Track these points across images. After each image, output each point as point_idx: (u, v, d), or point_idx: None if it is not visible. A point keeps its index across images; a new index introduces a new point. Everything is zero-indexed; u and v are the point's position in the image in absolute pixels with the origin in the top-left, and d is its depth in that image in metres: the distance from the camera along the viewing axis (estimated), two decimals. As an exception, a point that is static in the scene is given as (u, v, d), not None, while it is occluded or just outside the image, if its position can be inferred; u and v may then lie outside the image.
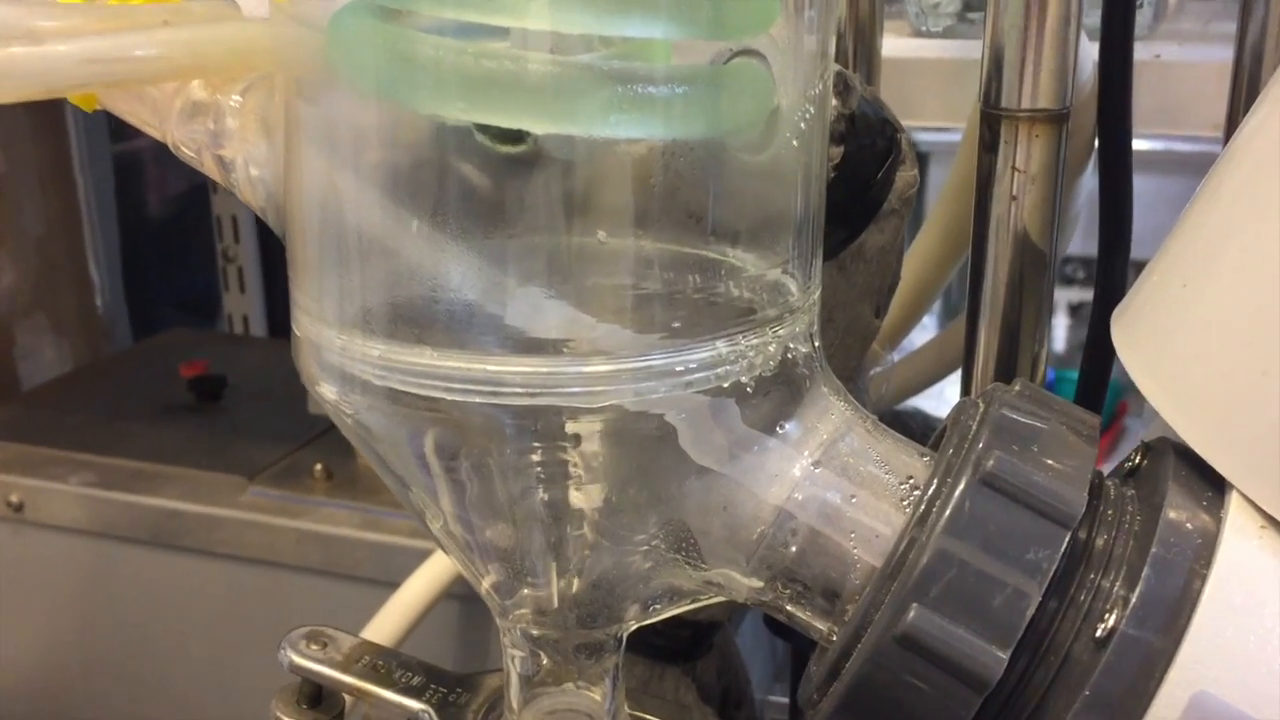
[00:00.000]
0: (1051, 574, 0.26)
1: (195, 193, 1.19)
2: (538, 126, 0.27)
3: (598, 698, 0.36)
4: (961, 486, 0.27)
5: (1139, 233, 0.40)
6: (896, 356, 0.49)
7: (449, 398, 0.28)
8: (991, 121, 0.37)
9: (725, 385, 0.28)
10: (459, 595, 0.66)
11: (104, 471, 0.76)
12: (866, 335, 0.39)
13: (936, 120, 0.49)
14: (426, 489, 0.32)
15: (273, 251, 1.12)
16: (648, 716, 0.38)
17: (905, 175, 0.38)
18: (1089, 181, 0.46)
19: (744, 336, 0.29)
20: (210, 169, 0.34)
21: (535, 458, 0.31)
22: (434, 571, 0.64)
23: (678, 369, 0.28)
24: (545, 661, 0.35)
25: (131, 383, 0.93)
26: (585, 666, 0.36)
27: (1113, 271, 0.41)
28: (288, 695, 0.40)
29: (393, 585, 0.68)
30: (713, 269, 0.29)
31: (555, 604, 0.34)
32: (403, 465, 0.32)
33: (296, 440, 0.80)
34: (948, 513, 0.26)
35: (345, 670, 0.38)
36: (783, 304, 0.30)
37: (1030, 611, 0.26)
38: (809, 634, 0.31)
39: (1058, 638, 0.26)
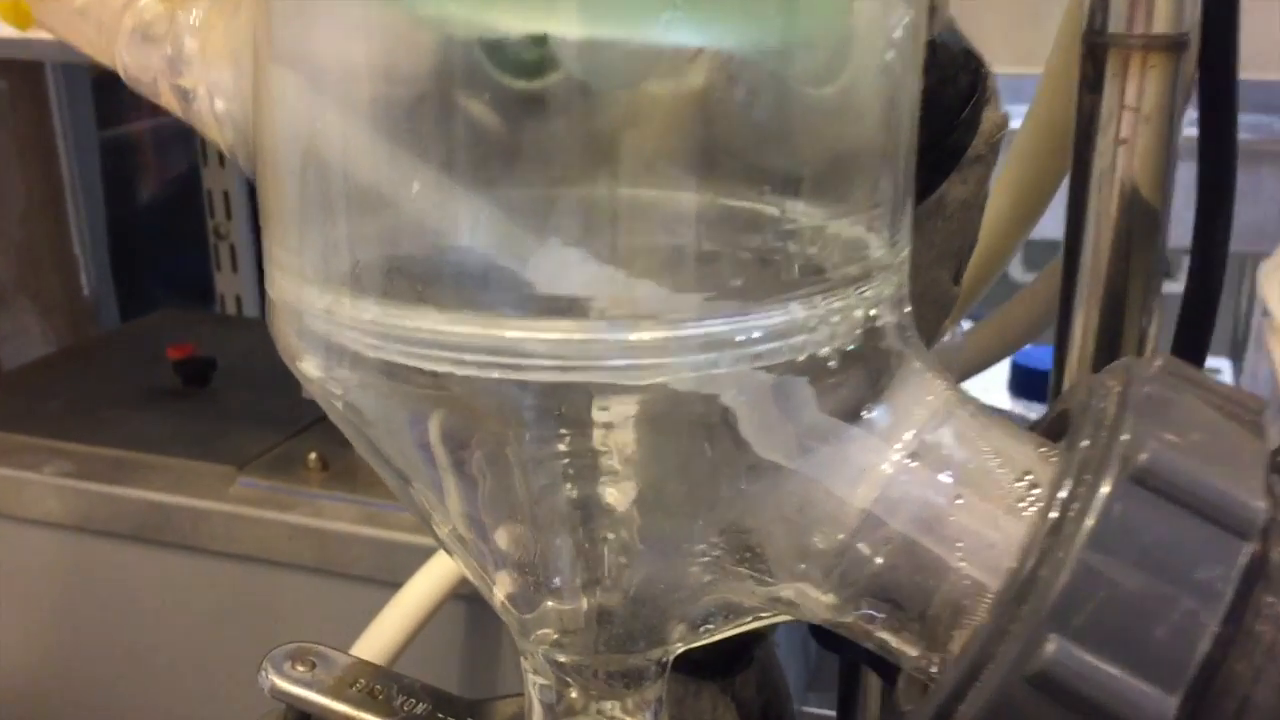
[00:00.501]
0: (1228, 598, 0.20)
1: (188, 168, 1.13)
2: (567, 29, 0.21)
3: (631, 729, 0.30)
4: (1108, 487, 0.21)
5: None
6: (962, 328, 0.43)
7: (459, 372, 0.23)
8: (1096, 53, 0.31)
9: (798, 360, 0.23)
10: (466, 597, 0.60)
11: (82, 461, 0.71)
12: (945, 304, 0.33)
13: (1005, 66, 0.43)
14: (431, 485, 0.27)
15: (266, 228, 1.06)
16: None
17: (993, 116, 0.32)
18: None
19: (821, 299, 0.23)
20: (167, 100, 0.28)
21: (561, 447, 0.25)
22: (439, 571, 0.58)
23: (739, 338, 0.22)
24: (571, 691, 0.30)
25: (115, 366, 0.88)
26: (621, 697, 0.30)
27: (1213, 238, 0.35)
28: (270, 723, 0.34)
29: (393, 585, 0.62)
30: (779, 219, 0.23)
31: (585, 623, 0.29)
32: (402, 457, 0.27)
33: (289, 427, 0.74)
34: (1092, 520, 0.21)
35: (336, 696, 0.33)
36: (867, 261, 0.24)
37: (1203, 645, 0.20)
38: (897, 663, 0.26)
39: (1233, 678, 0.21)
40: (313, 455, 0.69)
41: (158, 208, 1.22)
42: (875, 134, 0.24)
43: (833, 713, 0.54)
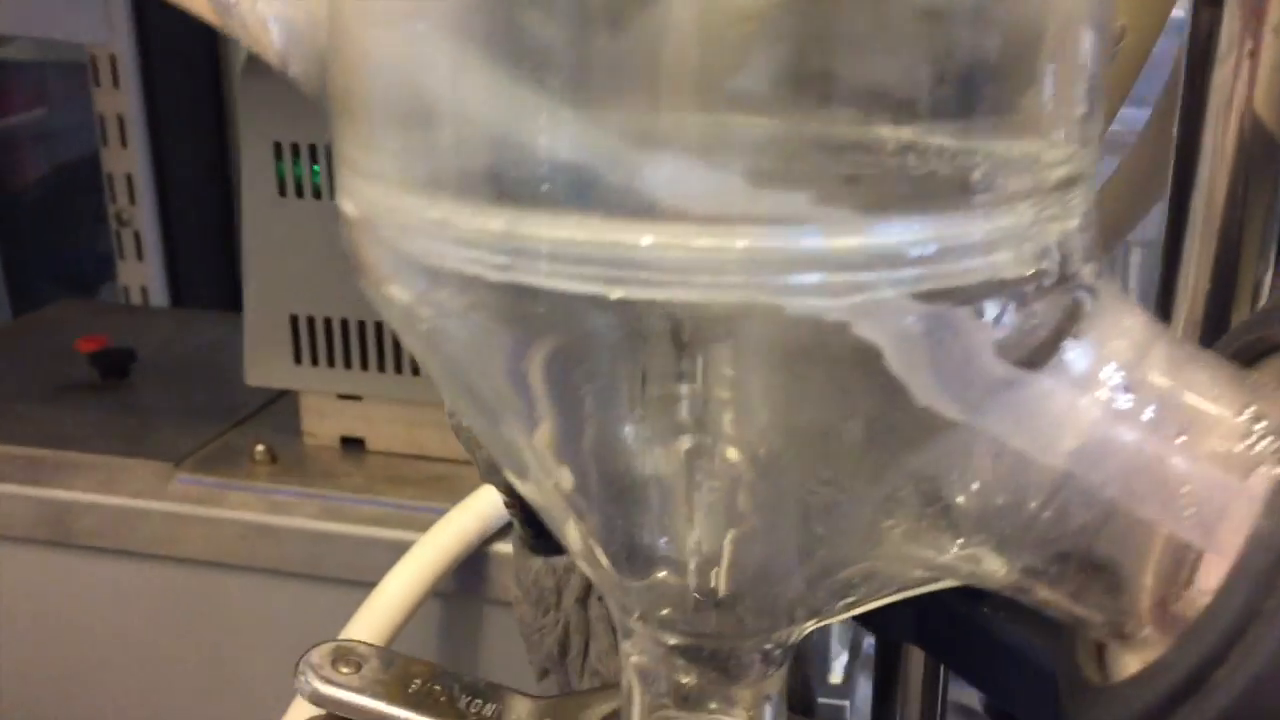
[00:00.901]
0: None
1: (77, 156, 1.06)
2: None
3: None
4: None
5: None
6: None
7: (582, 289, 0.19)
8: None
9: (978, 284, 0.20)
10: (443, 593, 0.56)
11: (-7, 461, 0.65)
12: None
13: None
14: (523, 424, 0.23)
15: (174, 213, 1.00)
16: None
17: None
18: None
19: (999, 214, 0.20)
20: (200, 7, 0.24)
21: (683, 386, 0.22)
22: (415, 567, 0.54)
23: (902, 256, 0.19)
24: (683, 678, 0.27)
25: (17, 361, 0.81)
26: (737, 686, 0.27)
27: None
28: (306, 735, 0.30)
29: (359, 584, 0.58)
30: (952, 119, 0.20)
31: (701, 596, 0.25)
32: (493, 391, 0.23)
33: (226, 419, 0.69)
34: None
35: (393, 699, 0.29)
36: (1053, 172, 0.21)
37: None
38: (1087, 632, 0.23)
39: None
40: (260, 448, 0.64)
41: (45, 198, 1.14)
42: (1047, 31, 0.21)
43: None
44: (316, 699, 0.29)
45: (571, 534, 0.25)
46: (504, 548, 0.57)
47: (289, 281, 0.62)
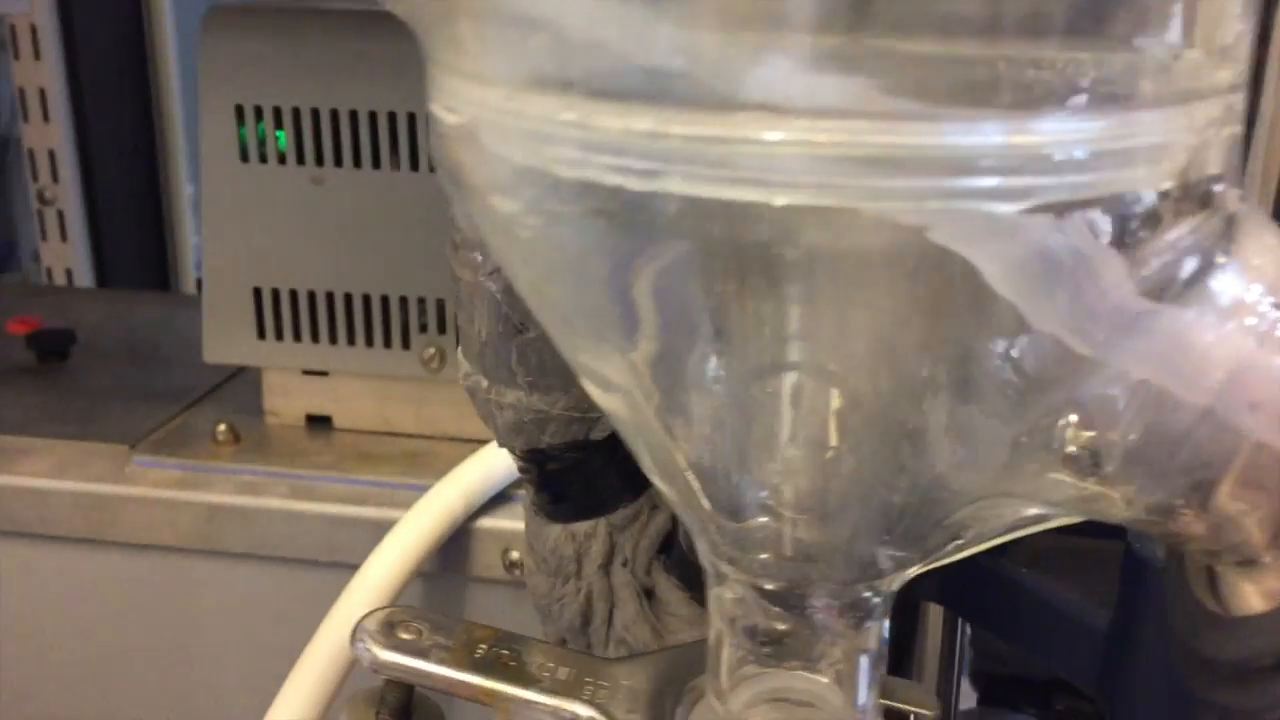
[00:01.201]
0: None
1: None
2: None
3: (829, 683, 0.26)
4: None
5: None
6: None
7: (700, 193, 0.18)
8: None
9: (1113, 196, 0.19)
10: (425, 572, 0.54)
11: (-69, 448, 0.61)
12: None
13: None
14: (621, 339, 0.22)
15: (100, 191, 0.95)
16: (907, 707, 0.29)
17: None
18: None
19: (1136, 117, 0.19)
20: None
21: (797, 308, 0.21)
22: (400, 546, 0.52)
23: (1049, 157, 0.18)
24: (778, 625, 0.26)
25: (-59, 346, 0.76)
26: (832, 636, 0.26)
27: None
28: (362, 707, 0.28)
29: (336, 566, 0.55)
30: (1100, 25, 0.19)
31: (803, 535, 0.24)
32: (594, 305, 0.22)
33: (180, 399, 0.66)
34: None
35: (462, 666, 0.27)
36: (1195, 76, 0.20)
37: None
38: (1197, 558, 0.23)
39: None
40: (222, 427, 0.61)
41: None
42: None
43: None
44: (379, 666, 0.27)
45: (664, 463, 0.24)
46: (488, 523, 0.56)
47: (252, 253, 0.59)
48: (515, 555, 0.55)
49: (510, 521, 0.56)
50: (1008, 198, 0.18)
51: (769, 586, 0.25)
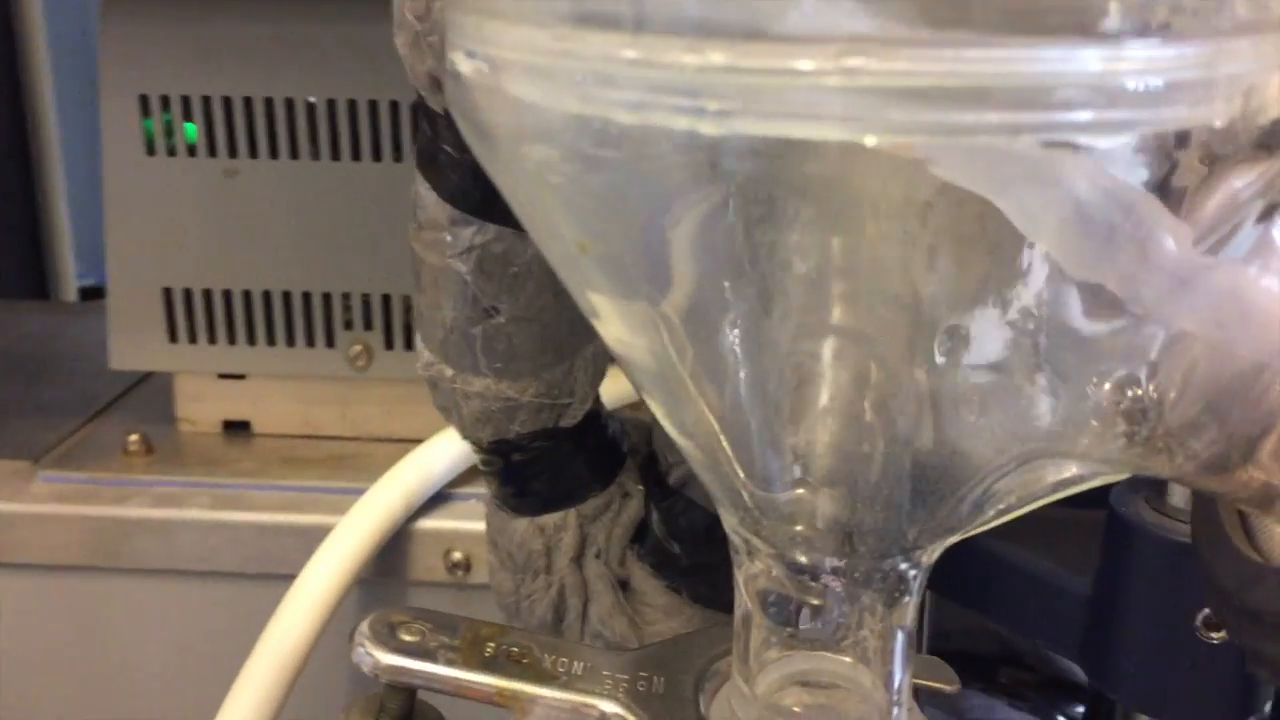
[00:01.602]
0: None
1: None
2: None
3: (861, 664, 0.25)
4: None
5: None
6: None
7: (789, 134, 0.17)
8: None
9: (1180, 134, 0.19)
10: (361, 579, 0.52)
11: None
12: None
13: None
14: (652, 291, 0.21)
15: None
16: None
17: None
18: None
19: (1232, 41, 0.18)
20: None
21: (835, 255, 0.20)
22: (339, 553, 0.50)
23: (1123, 87, 0.17)
24: (812, 600, 0.25)
25: None
26: (868, 614, 0.25)
27: None
28: (359, 717, 0.26)
29: (267, 578, 0.53)
30: None
31: (843, 506, 0.23)
32: (632, 259, 0.21)
33: (86, 409, 0.62)
34: None
35: (473, 666, 0.25)
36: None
37: None
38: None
39: None
40: (133, 437, 0.57)
41: None
42: None
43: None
44: (383, 671, 0.25)
45: (693, 426, 0.23)
46: (428, 524, 0.53)
47: (161, 251, 0.56)
48: (458, 556, 0.53)
49: (451, 521, 0.54)
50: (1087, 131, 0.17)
51: (802, 560, 0.24)
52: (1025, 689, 0.57)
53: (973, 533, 0.25)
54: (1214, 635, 0.34)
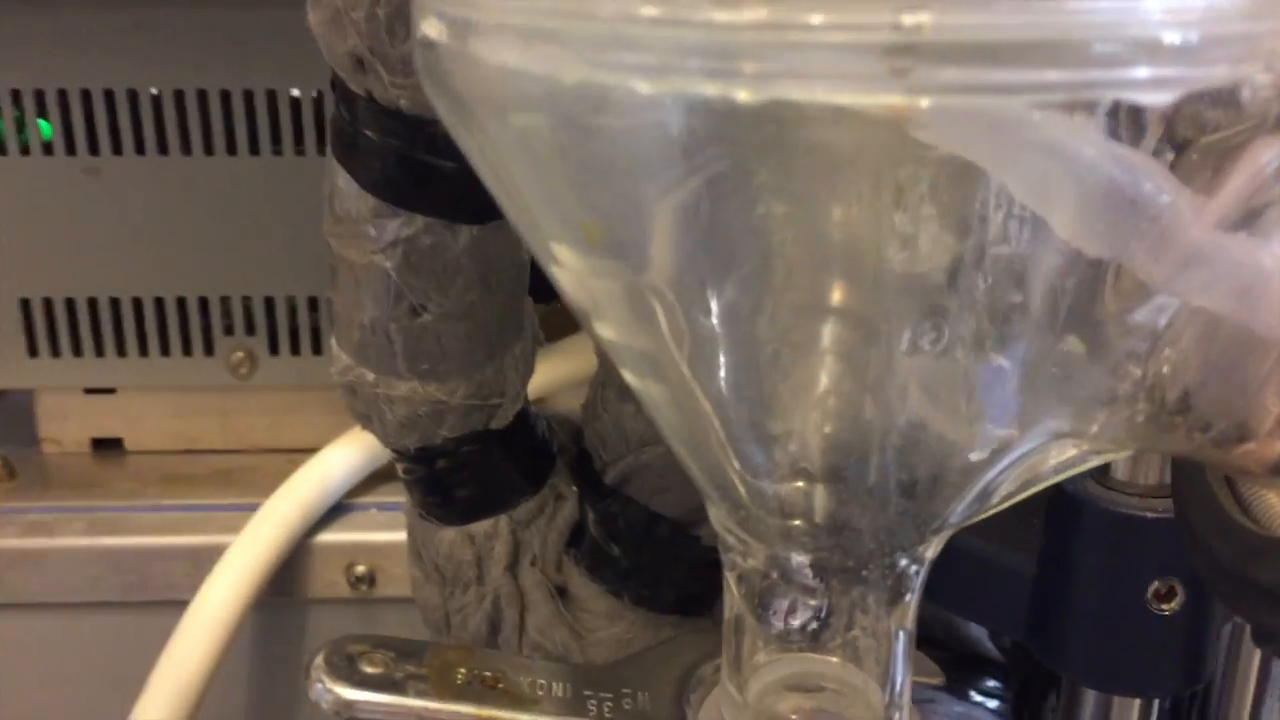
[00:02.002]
0: None
1: None
2: None
3: (857, 668, 0.24)
4: None
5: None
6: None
7: (831, 99, 0.16)
8: None
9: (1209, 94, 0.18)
10: (260, 605, 0.49)
11: None
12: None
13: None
14: (640, 263, 0.19)
15: None
16: None
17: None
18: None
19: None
20: None
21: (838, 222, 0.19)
22: (237, 573, 0.46)
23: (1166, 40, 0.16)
24: (810, 601, 0.23)
25: None
26: (866, 614, 0.24)
27: None
28: (318, 759, 0.24)
29: (155, 605, 0.49)
30: None
31: (847, 493, 0.22)
32: (626, 230, 0.19)
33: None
34: None
35: (445, 696, 0.23)
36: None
37: None
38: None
39: None
40: (-7, 462, 0.53)
41: None
42: None
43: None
44: (345, 708, 0.23)
45: (687, 414, 0.21)
46: (327, 538, 0.50)
47: (16, 260, 0.52)
48: (361, 569, 0.51)
49: (351, 534, 0.51)
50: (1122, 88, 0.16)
51: (798, 557, 0.23)
52: (940, 666, 0.57)
53: (974, 521, 0.24)
54: (1165, 607, 0.34)
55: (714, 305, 0.20)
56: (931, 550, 0.23)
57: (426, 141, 0.29)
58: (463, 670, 0.24)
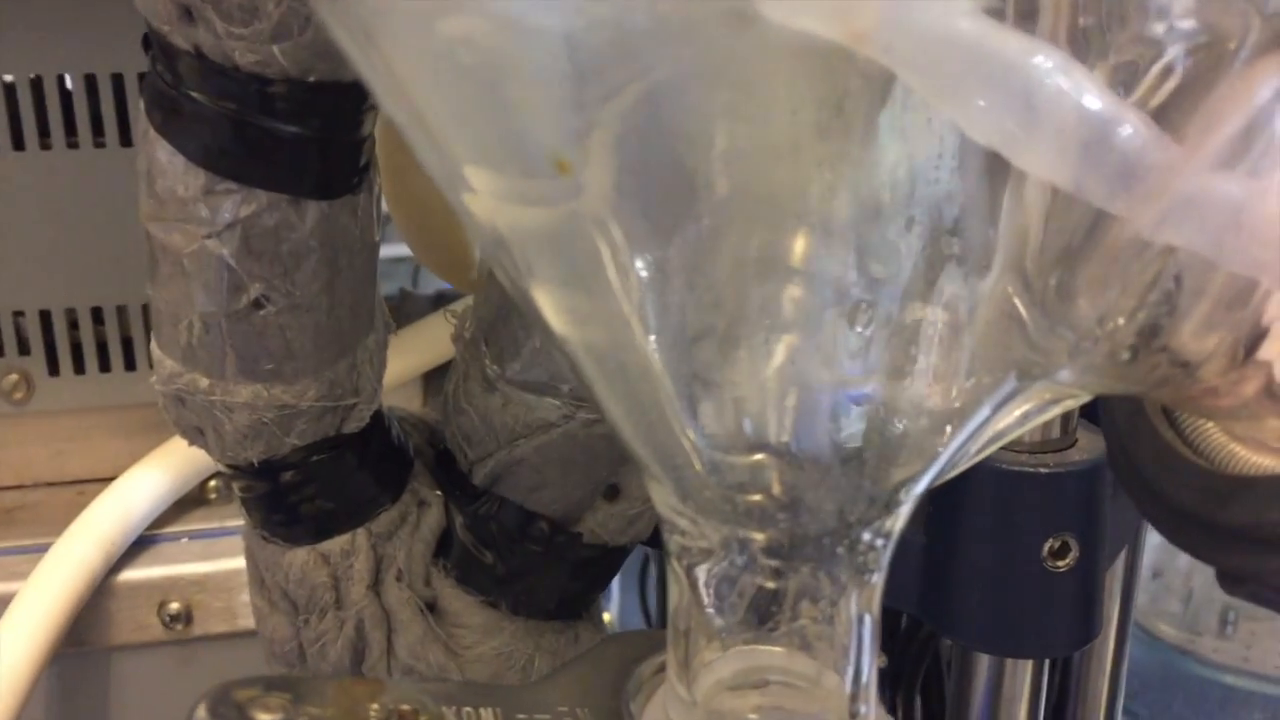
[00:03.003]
0: None
1: None
2: None
3: (818, 660, 0.22)
4: None
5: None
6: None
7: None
8: None
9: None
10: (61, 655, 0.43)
11: None
12: None
13: None
14: (573, 187, 0.17)
15: None
16: None
17: None
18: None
19: None
20: None
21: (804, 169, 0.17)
22: (32, 622, 0.41)
23: None
24: (768, 584, 0.21)
25: None
26: (827, 597, 0.21)
27: None
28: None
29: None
30: None
31: (813, 464, 0.20)
32: (551, 144, 0.17)
33: None
34: None
35: (364, 737, 0.20)
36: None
37: None
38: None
39: None
40: None
41: None
42: None
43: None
44: (246, 768, 0.19)
45: (635, 377, 0.19)
46: (133, 575, 0.45)
47: None
48: (175, 606, 0.45)
49: (161, 568, 0.45)
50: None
51: (754, 536, 0.21)
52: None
53: (941, 481, 0.22)
54: (1059, 564, 0.33)
55: (649, 244, 0.17)
56: (898, 524, 0.21)
57: (266, 103, 0.26)
58: (376, 706, 0.21)
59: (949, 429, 0.21)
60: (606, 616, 0.74)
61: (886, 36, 0.15)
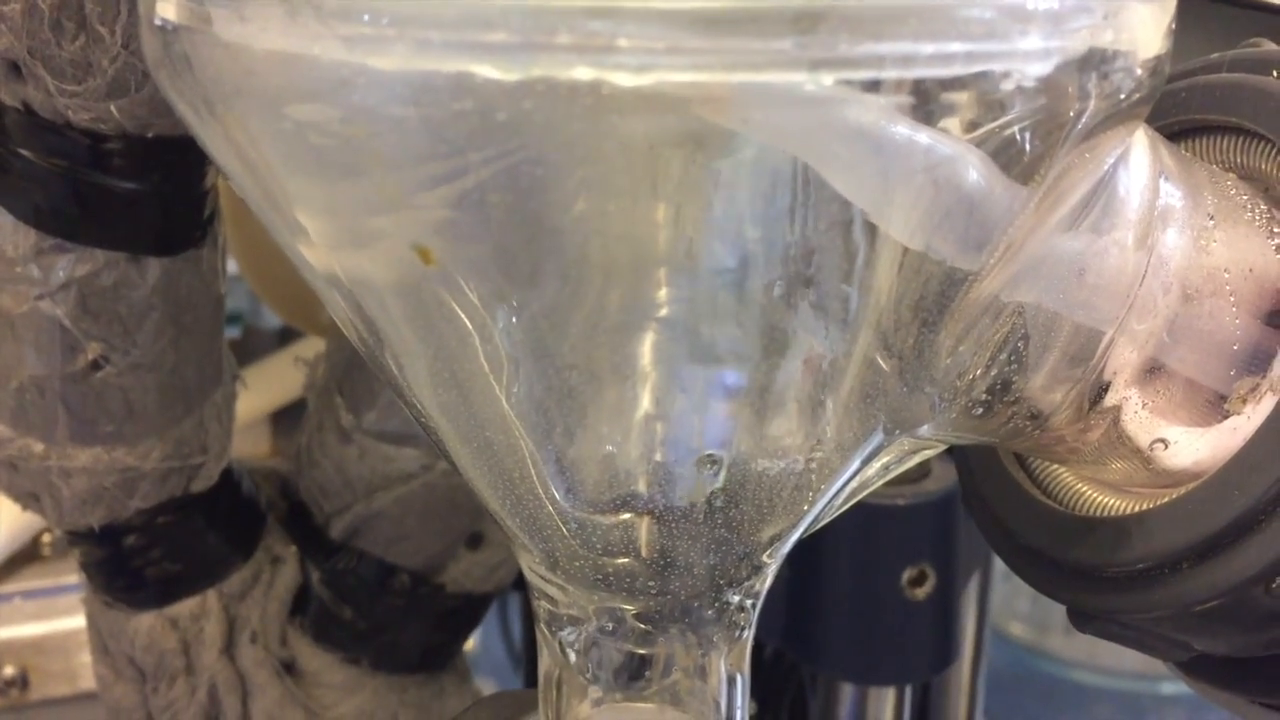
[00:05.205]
0: None
1: None
2: None
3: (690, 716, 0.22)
4: None
5: None
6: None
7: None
8: None
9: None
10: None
11: None
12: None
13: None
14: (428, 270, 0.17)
15: None
16: None
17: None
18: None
19: None
20: None
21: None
22: None
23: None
24: (638, 650, 0.21)
25: None
26: (697, 659, 0.21)
27: None
28: None
29: None
30: None
31: (679, 526, 0.20)
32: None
33: None
34: None
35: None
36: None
37: None
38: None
39: None
40: None
41: None
42: None
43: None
44: None
45: (495, 434, 0.18)
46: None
47: None
48: (9, 671, 0.43)
49: (-6, 630, 0.43)
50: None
51: (623, 604, 0.21)
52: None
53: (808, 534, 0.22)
54: (918, 592, 0.34)
55: (515, 299, 0.17)
56: (765, 583, 0.21)
57: (101, 160, 0.24)
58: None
59: (817, 483, 0.21)
60: (469, 644, 0.74)
61: (742, 110, 0.15)
